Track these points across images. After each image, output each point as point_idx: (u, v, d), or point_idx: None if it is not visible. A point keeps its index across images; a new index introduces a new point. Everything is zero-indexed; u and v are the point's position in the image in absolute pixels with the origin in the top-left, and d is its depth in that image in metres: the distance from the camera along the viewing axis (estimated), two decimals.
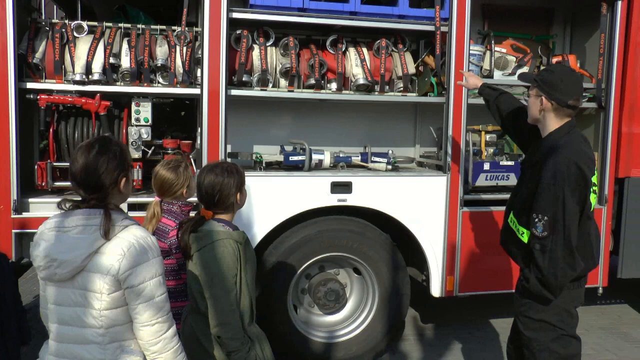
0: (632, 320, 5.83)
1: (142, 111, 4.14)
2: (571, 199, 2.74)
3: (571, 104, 2.84)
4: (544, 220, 2.76)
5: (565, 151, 2.79)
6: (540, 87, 2.89)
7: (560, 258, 2.75)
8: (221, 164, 2.66)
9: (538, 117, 2.95)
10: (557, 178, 2.74)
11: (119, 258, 2.05)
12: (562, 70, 3.06)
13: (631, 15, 4.94)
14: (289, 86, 4.35)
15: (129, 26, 4.12)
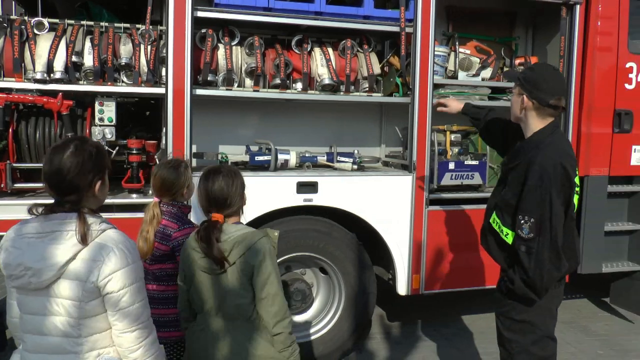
0: (591, 314, 6.00)
1: (106, 111, 4.06)
2: (557, 201, 2.71)
3: (552, 103, 2.80)
4: (530, 222, 2.72)
5: (551, 152, 2.76)
6: (522, 85, 2.85)
7: (547, 260, 2.72)
8: (221, 167, 2.62)
9: (520, 116, 2.92)
10: (544, 179, 2.71)
11: (98, 264, 1.99)
12: (544, 69, 3.01)
13: (589, 19, 5.08)
14: (254, 86, 4.34)
15: (91, 24, 4.04)
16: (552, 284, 2.79)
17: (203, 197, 2.57)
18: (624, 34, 5.18)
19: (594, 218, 5.28)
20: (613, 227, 5.42)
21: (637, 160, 5.40)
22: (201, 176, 2.60)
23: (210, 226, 2.50)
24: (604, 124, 5.25)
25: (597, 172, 5.28)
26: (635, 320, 5.70)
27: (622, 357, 4.90)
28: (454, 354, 4.86)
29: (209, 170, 2.61)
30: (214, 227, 2.49)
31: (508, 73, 3.30)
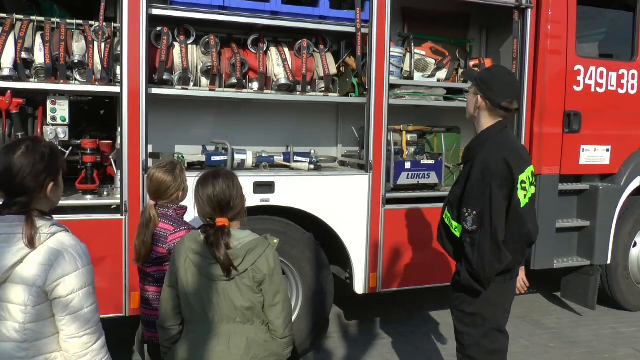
0: (543, 308, 6.18)
1: (59, 109, 3.96)
2: (498, 195, 2.79)
3: (504, 105, 2.89)
4: (473, 214, 2.81)
5: (495, 149, 2.86)
6: (478, 85, 2.96)
7: (488, 251, 2.79)
8: (218, 171, 2.56)
9: (473, 115, 3.02)
10: (485, 174, 2.80)
11: (45, 268, 1.94)
12: (500, 72, 3.12)
13: (540, 22, 5.23)
14: (210, 85, 4.32)
15: (42, 19, 3.94)
16: (493, 275, 2.85)
17: (205, 203, 2.47)
18: (572, 38, 5.36)
19: (546, 215, 5.44)
20: (564, 224, 5.61)
21: (586, 160, 5.59)
22: (198, 182, 2.52)
23: (219, 231, 2.41)
24: (555, 124, 5.42)
25: (548, 170, 5.45)
26: (584, 313, 5.89)
27: (572, 349, 5.07)
28: (411, 351, 4.93)
29: (206, 175, 2.54)
30: (223, 232, 2.41)
31: (466, 72, 3.44)
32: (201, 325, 2.48)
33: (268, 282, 2.42)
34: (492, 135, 2.93)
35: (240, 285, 2.40)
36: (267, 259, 2.42)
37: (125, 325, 4.78)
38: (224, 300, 2.42)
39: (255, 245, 2.43)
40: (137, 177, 3.99)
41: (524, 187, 2.90)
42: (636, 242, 6.03)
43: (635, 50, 5.71)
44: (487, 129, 2.96)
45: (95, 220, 3.98)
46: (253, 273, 2.40)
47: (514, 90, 3.04)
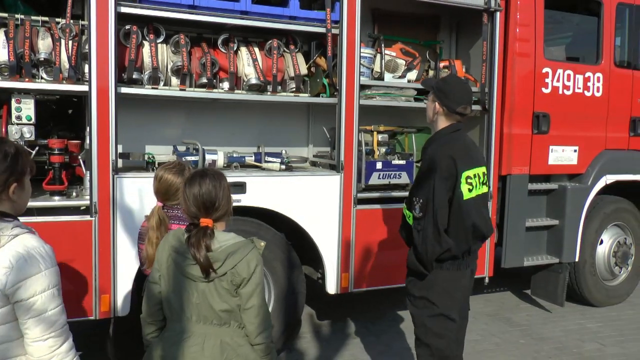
0: (513, 306, 6.27)
1: (24, 108, 3.88)
2: (441, 187, 3.08)
3: (459, 111, 3.24)
4: (420, 202, 3.12)
5: (443, 146, 3.18)
6: (436, 93, 3.29)
7: (430, 236, 3.08)
8: (206, 170, 2.52)
9: (432, 119, 3.36)
10: (431, 167, 3.12)
11: (6, 271, 1.90)
12: (455, 81, 3.55)
13: (509, 25, 5.33)
14: (180, 85, 4.28)
15: (5, 15, 3.86)
16: (435, 257, 3.12)
17: (190, 202, 2.43)
18: (540, 41, 5.46)
19: (516, 214, 5.54)
20: (533, 223, 5.71)
21: (554, 160, 5.71)
22: (185, 181, 2.49)
23: (201, 232, 2.37)
24: (524, 125, 5.52)
25: (518, 171, 5.54)
26: (553, 310, 6.00)
27: (541, 345, 5.15)
28: (383, 350, 4.95)
29: (194, 174, 2.49)
30: (205, 233, 2.37)
31: (425, 81, 3.81)
32: (178, 324, 2.45)
33: (244, 284, 2.38)
34: (443, 135, 3.28)
35: (219, 288, 2.37)
36: (247, 263, 2.37)
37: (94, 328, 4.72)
38: (202, 301, 2.39)
39: (236, 248, 2.39)
40: (107, 178, 3.93)
41: (470, 182, 3.15)
42: (602, 240, 6.17)
43: (600, 54, 5.85)
44: (440, 130, 3.31)
45: (64, 222, 3.91)
46: (232, 277, 2.36)
47: (467, 97, 3.35)
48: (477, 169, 3.19)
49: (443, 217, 3.09)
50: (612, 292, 6.28)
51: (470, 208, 3.14)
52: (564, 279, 5.77)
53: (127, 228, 4.02)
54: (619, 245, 6.22)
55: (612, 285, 6.30)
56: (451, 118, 3.27)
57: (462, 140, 3.28)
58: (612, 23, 5.84)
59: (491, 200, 5.36)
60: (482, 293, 6.54)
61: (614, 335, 5.45)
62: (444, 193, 3.08)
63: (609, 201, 6.16)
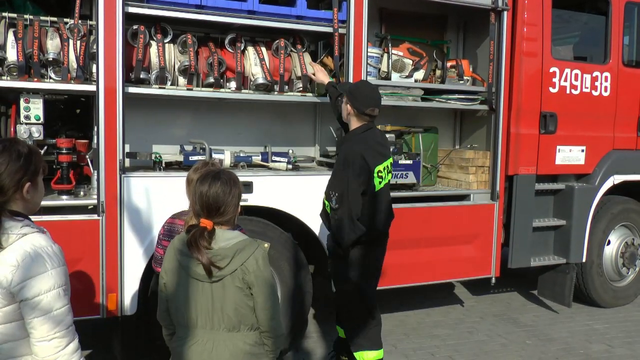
0: (520, 306, 6.24)
1: (33, 108, 3.90)
2: (354, 182, 3.57)
3: (367, 112, 3.70)
4: (335, 196, 3.61)
5: (355, 145, 3.65)
6: (348, 96, 3.75)
7: (346, 224, 3.58)
8: (221, 173, 2.48)
9: (346, 119, 3.83)
10: (345, 165, 3.61)
11: (12, 269, 1.91)
12: (364, 86, 3.91)
13: (516, 25, 5.31)
14: (187, 84, 4.29)
15: (14, 16, 3.88)
16: (350, 242, 3.65)
17: (196, 200, 2.41)
18: (547, 41, 5.44)
19: (523, 214, 5.52)
20: (540, 223, 5.69)
21: (562, 160, 5.69)
22: (198, 178, 2.47)
23: (197, 232, 2.35)
24: (531, 125, 5.50)
25: (525, 171, 5.53)
26: (560, 311, 5.97)
27: (548, 346, 5.13)
28: (389, 349, 4.94)
29: (207, 174, 2.47)
30: (202, 234, 2.35)
31: (341, 85, 4.17)
32: (186, 330, 2.43)
33: (260, 283, 2.38)
34: (355, 135, 3.73)
35: (230, 287, 2.36)
36: (256, 260, 2.38)
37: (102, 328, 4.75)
38: (211, 304, 2.37)
39: (244, 245, 2.39)
40: (114, 177, 3.95)
41: (380, 175, 3.73)
42: (609, 241, 6.13)
43: (608, 53, 5.82)
44: (354, 130, 3.77)
45: (71, 221, 3.93)
46: (242, 274, 2.36)
47: (375, 100, 3.76)
48: (385, 162, 3.76)
49: (357, 208, 3.60)
50: (619, 293, 6.25)
51: (382, 197, 3.77)
52: (571, 279, 5.74)
53: (134, 227, 4.04)
54: (626, 246, 6.19)
55: (620, 286, 6.26)
56: (362, 119, 3.74)
57: (372, 139, 3.72)
58: (620, 22, 5.81)
59: (498, 201, 5.35)
60: (488, 293, 6.53)
61: (621, 337, 5.42)
62: (357, 188, 3.59)
63: (616, 201, 6.13)
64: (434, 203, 5.19)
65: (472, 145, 5.68)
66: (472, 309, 6.09)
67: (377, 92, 3.89)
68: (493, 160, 5.36)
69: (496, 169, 5.34)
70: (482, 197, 5.41)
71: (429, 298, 6.30)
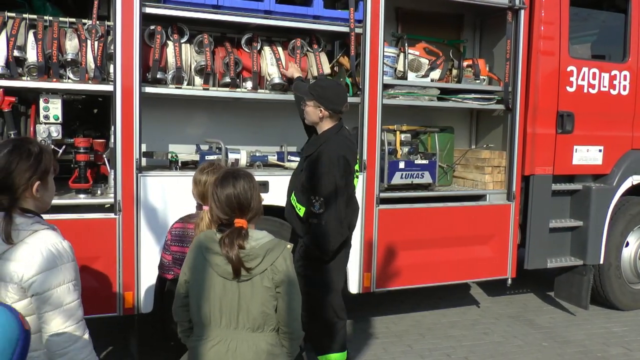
0: (536, 308, 6.18)
1: (52, 108, 3.95)
2: (340, 184, 3.52)
3: (343, 110, 3.67)
4: (320, 200, 3.49)
5: (336, 146, 3.57)
6: (319, 100, 3.61)
7: (334, 228, 3.51)
8: (237, 171, 2.50)
9: (317, 122, 3.69)
10: (331, 167, 3.50)
11: (22, 264, 1.95)
12: (330, 85, 3.80)
13: (533, 23, 5.26)
14: (204, 84, 4.30)
15: (34, 17, 3.92)
16: (337, 246, 3.58)
17: (223, 203, 2.40)
18: (565, 39, 5.39)
19: (540, 215, 5.47)
20: (557, 224, 5.64)
21: (578, 160, 5.63)
22: (217, 181, 2.46)
23: (235, 232, 2.36)
24: (548, 125, 5.45)
25: (542, 171, 5.48)
26: (577, 313, 5.91)
27: (565, 348, 5.08)
28: (405, 350, 4.93)
29: (225, 175, 2.47)
30: (239, 234, 2.36)
31: (297, 88, 4.04)
32: (208, 329, 2.42)
33: (287, 283, 2.39)
34: (332, 136, 3.63)
35: (259, 287, 2.36)
36: (284, 259, 2.40)
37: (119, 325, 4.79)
38: (237, 303, 2.37)
39: (273, 245, 2.41)
40: (131, 176, 3.98)
41: (357, 175, 3.76)
42: (628, 242, 6.06)
43: (627, 52, 5.75)
44: (328, 131, 3.66)
45: (88, 219, 3.96)
46: (272, 274, 2.37)
47: (345, 95, 3.74)
48: (357, 160, 3.78)
49: (344, 211, 3.57)
50: (638, 295, 6.16)
51: (355, 196, 3.79)
52: (588, 281, 5.68)
53: (151, 226, 4.06)
54: None
55: (639, 288, 6.18)
56: (335, 118, 3.67)
57: (347, 138, 3.70)
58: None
59: (514, 201, 5.32)
60: (504, 294, 6.48)
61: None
62: (344, 190, 3.55)
63: (635, 203, 6.05)
64: (449, 203, 5.17)
65: (488, 145, 5.64)
66: (488, 310, 6.05)
67: (342, 86, 3.92)
68: (509, 160, 5.32)
69: (512, 169, 5.30)
70: (498, 197, 5.37)
71: (445, 299, 6.27)
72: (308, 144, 3.85)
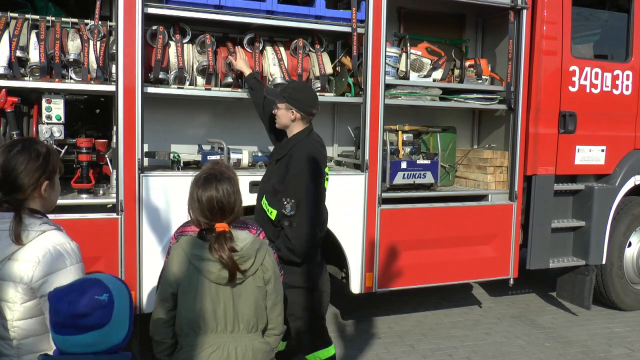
0: (539, 308, 6.18)
1: (54, 108, 3.94)
2: (311, 185, 3.48)
3: (314, 112, 3.66)
4: (291, 202, 3.44)
5: (307, 149, 3.54)
6: (291, 103, 3.59)
7: (305, 230, 3.45)
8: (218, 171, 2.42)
9: (289, 125, 3.65)
10: (302, 169, 3.47)
11: (33, 265, 1.95)
12: (302, 87, 3.90)
13: (535, 23, 5.25)
14: (206, 84, 4.30)
15: (37, 18, 3.93)
16: (309, 249, 3.51)
17: (205, 207, 2.33)
18: (567, 39, 5.38)
19: (542, 215, 5.47)
20: (559, 224, 5.63)
21: (581, 160, 5.62)
22: (197, 183, 2.38)
23: (221, 237, 2.30)
24: (550, 125, 5.45)
25: (544, 171, 5.47)
26: (579, 313, 5.91)
27: (567, 348, 5.08)
28: (407, 350, 4.93)
29: (207, 176, 2.38)
30: (225, 237, 2.30)
31: (269, 92, 3.97)
32: (200, 337, 2.35)
33: (274, 280, 2.40)
34: (303, 138, 3.61)
35: (251, 288, 2.36)
36: (270, 256, 2.41)
37: None
38: (232, 306, 2.34)
39: (259, 244, 2.41)
40: (133, 177, 3.98)
41: (327, 178, 3.73)
42: (630, 242, 6.05)
43: (630, 51, 5.74)
44: (299, 134, 3.63)
45: (90, 219, 3.96)
46: (262, 272, 2.37)
47: (316, 97, 3.73)
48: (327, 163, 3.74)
49: (317, 213, 3.55)
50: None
51: (325, 198, 3.70)
52: (590, 281, 5.67)
53: (153, 226, 4.06)
54: None
55: None
56: (305, 121, 3.64)
57: (317, 141, 3.67)
58: None
59: (516, 201, 5.31)
60: (506, 295, 6.48)
61: None
62: (316, 192, 3.53)
63: (638, 202, 6.04)
64: (451, 203, 5.16)
65: (491, 145, 5.64)
66: (490, 310, 6.04)
67: (312, 89, 3.95)
68: (511, 160, 5.32)
69: (514, 169, 5.29)
70: (500, 197, 5.37)
71: (447, 299, 6.27)
72: (277, 147, 3.82)
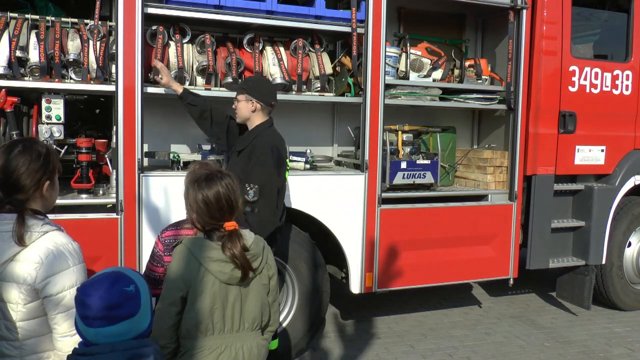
0: (538, 308, 6.18)
1: (54, 108, 3.94)
2: (275, 173, 3.59)
3: (273, 103, 3.78)
4: (254, 188, 3.51)
5: (269, 139, 3.65)
6: (251, 93, 3.70)
7: (268, 216, 3.55)
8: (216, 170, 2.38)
9: (249, 117, 3.74)
10: (265, 158, 3.56)
11: (36, 266, 1.95)
12: (262, 81, 4.03)
13: (535, 23, 5.25)
14: (206, 84, 4.31)
15: (37, 18, 3.93)
16: (269, 234, 3.50)
17: (214, 207, 2.28)
18: (567, 39, 5.38)
19: (542, 215, 5.47)
20: (559, 224, 5.63)
21: (581, 160, 5.62)
22: (200, 185, 2.31)
23: (234, 235, 2.27)
24: (550, 125, 5.45)
25: (544, 171, 5.47)
26: (579, 313, 5.91)
27: (567, 348, 5.08)
28: (407, 350, 4.93)
29: (207, 176, 2.33)
30: (237, 236, 2.27)
31: (229, 85, 4.11)
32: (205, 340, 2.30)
33: (275, 277, 2.43)
34: (266, 129, 3.72)
35: (258, 286, 2.35)
36: (271, 253, 2.42)
37: None
38: (240, 306, 2.32)
39: (262, 241, 2.43)
40: (133, 177, 3.97)
41: (288, 168, 3.82)
42: (630, 242, 6.05)
43: (630, 51, 5.74)
44: (261, 125, 3.73)
45: (90, 219, 3.96)
46: (267, 270, 2.39)
47: (275, 90, 3.91)
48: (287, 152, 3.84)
49: (276, 200, 3.63)
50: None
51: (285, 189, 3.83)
52: (590, 281, 5.67)
53: (153, 226, 4.06)
54: None
55: None
56: (266, 112, 3.75)
57: (277, 133, 3.78)
58: None
59: (516, 201, 5.31)
60: (506, 294, 6.48)
61: None
62: (278, 179, 3.63)
63: (637, 202, 6.04)
64: (451, 203, 5.16)
65: (490, 145, 5.64)
66: (490, 310, 6.04)
67: (272, 83, 4.05)
68: (511, 160, 5.31)
69: (514, 169, 5.29)
70: (500, 197, 5.37)
71: (447, 299, 6.27)
72: (240, 139, 3.85)
